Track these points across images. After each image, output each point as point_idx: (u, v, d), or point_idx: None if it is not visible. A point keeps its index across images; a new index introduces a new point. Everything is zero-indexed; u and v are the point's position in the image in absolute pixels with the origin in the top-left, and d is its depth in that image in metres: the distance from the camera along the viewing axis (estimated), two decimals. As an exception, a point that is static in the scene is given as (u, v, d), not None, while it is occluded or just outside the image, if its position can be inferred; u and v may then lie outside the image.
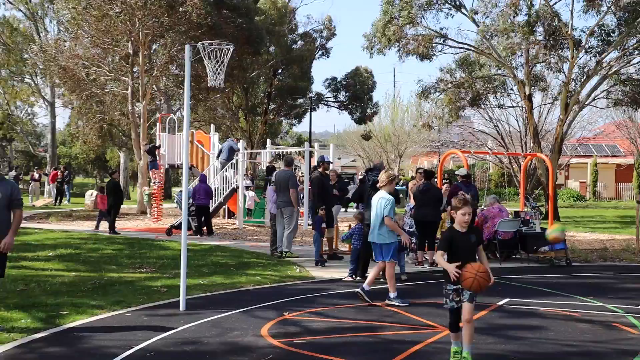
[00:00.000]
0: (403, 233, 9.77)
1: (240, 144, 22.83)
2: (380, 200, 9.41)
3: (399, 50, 26.13)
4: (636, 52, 26.59)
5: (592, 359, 6.51)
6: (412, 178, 15.78)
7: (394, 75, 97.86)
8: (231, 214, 24.93)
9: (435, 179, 15.57)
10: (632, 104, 28.68)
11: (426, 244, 13.24)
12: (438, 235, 14.27)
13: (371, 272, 9.62)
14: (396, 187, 16.11)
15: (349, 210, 23.42)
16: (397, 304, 9.06)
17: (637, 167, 44.53)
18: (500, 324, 8.03)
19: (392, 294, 9.24)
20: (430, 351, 6.71)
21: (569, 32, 25.09)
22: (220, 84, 8.93)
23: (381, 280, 10.75)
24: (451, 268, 5.77)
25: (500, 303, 9.17)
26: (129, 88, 27.55)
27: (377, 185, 9.85)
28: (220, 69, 8.97)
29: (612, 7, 23.79)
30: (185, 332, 7.44)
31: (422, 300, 9.44)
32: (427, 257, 13.29)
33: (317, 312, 8.65)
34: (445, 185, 15.74)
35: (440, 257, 6.01)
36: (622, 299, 9.61)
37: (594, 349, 6.88)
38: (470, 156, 33.23)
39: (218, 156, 22.91)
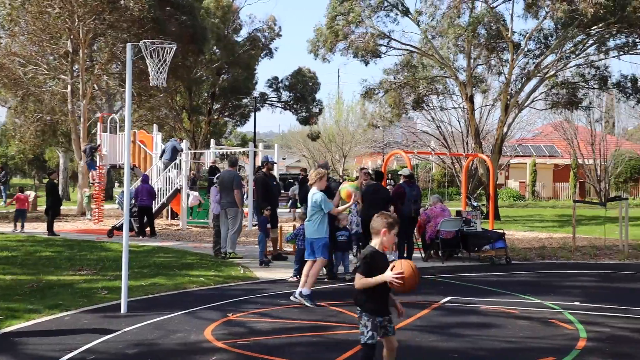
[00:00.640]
0: (350, 199, 9.84)
1: (184, 144, 22.59)
2: (313, 196, 9.37)
3: (343, 49, 26.27)
4: (572, 56, 27.39)
5: (530, 355, 6.65)
6: (357, 178, 15.85)
7: (338, 76, 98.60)
8: (174, 215, 24.65)
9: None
10: (568, 106, 29.51)
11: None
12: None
13: (305, 274, 9.34)
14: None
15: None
16: (305, 302, 8.97)
17: (573, 167, 45.76)
18: (442, 322, 8.14)
19: (305, 290, 9.09)
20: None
21: (509, 36, 25.65)
22: (162, 83, 8.81)
23: (325, 280, 10.80)
24: (390, 276, 4.92)
25: (442, 302, 9.30)
26: (69, 87, 26.95)
27: (308, 184, 9.81)
28: (163, 68, 8.85)
29: (552, 13, 24.42)
30: (127, 334, 7.31)
31: (365, 300, 9.48)
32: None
33: (261, 312, 8.62)
34: (389, 186, 15.89)
35: (363, 279, 5.03)
36: (559, 295, 9.86)
37: (532, 345, 7.04)
38: (413, 156, 33.65)
39: (161, 156, 22.61)
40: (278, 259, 13.90)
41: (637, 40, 26.05)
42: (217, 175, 15.24)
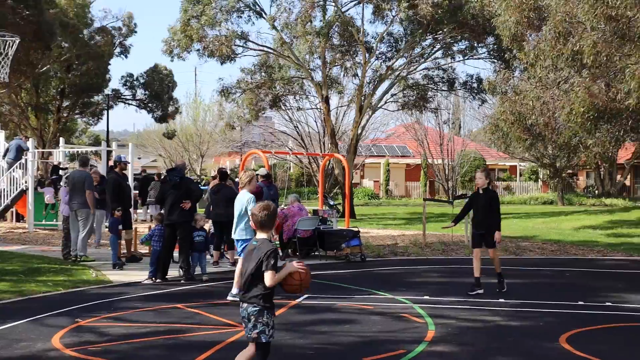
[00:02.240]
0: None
1: (30, 143, 21.40)
2: (243, 198, 9.60)
3: (199, 50, 25.97)
4: (421, 59, 28.63)
5: (383, 348, 6.87)
6: (214, 178, 15.72)
7: (195, 75, 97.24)
8: (20, 217, 23.29)
9: (237, 179, 15.58)
10: (418, 107, 30.81)
11: (225, 244, 13.34)
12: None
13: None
14: (200, 187, 16.03)
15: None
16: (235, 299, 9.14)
17: (424, 167, 47.78)
18: (299, 320, 8.23)
19: (235, 290, 9.30)
20: (231, 350, 6.71)
21: (361, 39, 26.38)
22: (4, 78, 8.30)
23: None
24: (295, 265, 5.03)
25: (298, 300, 9.40)
26: None
27: (239, 187, 9.96)
28: (5, 62, 8.35)
29: (397, 17, 25.39)
30: (-35, 346, 6.82)
31: (221, 300, 9.43)
32: (228, 257, 13.34)
33: (114, 317, 8.34)
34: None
35: (276, 275, 4.98)
36: (410, 290, 10.26)
37: (385, 339, 7.28)
38: (271, 156, 33.78)
39: (4, 156, 21.28)
40: (132, 261, 13.49)
41: (477, 44, 27.64)
42: (67, 175, 14.54)
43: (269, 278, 4.93)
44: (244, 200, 9.61)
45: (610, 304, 9.31)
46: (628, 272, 12.77)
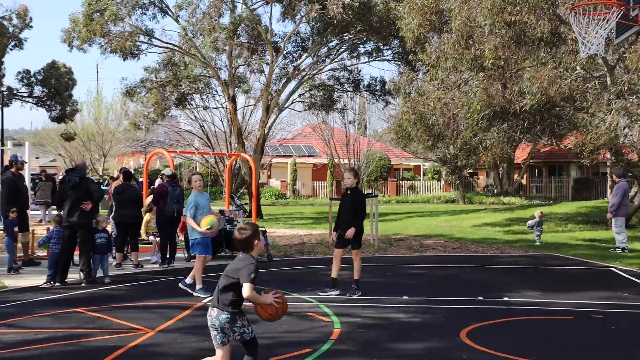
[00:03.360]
0: (200, 230, 9.79)
1: None
2: (187, 200, 10.04)
3: (102, 46, 25.26)
4: (327, 60, 28.89)
5: (289, 349, 6.87)
6: (117, 178, 15.32)
7: (97, 72, 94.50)
8: None
9: (141, 179, 15.30)
10: (325, 108, 31.06)
11: (129, 246, 13.07)
12: (144, 235, 14.09)
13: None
14: (102, 188, 15.58)
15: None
16: (201, 295, 9.61)
17: (330, 166, 48.24)
18: (204, 322, 8.09)
19: (197, 286, 9.75)
20: (134, 354, 6.56)
21: (269, 38, 26.35)
22: None
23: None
24: (270, 298, 5.33)
25: (204, 301, 9.29)
26: None
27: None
28: None
29: (306, 17, 25.49)
30: None
31: (124, 304, 9.19)
32: (132, 259, 13.04)
33: (9, 323, 7.97)
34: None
35: (254, 293, 5.20)
36: (316, 289, 10.31)
37: (291, 339, 7.29)
38: (176, 156, 33.28)
39: None
40: (30, 264, 12.96)
41: (382, 46, 28.14)
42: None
43: (247, 289, 5.10)
44: (187, 203, 10.12)
45: (507, 298, 9.66)
46: (524, 268, 13.30)
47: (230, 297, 5.19)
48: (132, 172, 14.91)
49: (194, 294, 9.70)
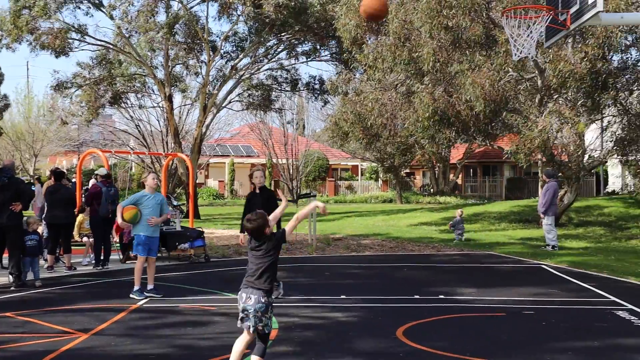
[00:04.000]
0: (119, 220, 10.01)
1: None
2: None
3: (31, 43, 24.54)
4: (265, 60, 28.83)
5: (227, 350, 6.81)
6: (49, 178, 14.93)
7: (28, 69, 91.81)
8: None
9: (74, 179, 14.92)
10: (262, 108, 30.99)
11: (61, 248, 12.75)
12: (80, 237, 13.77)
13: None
14: (32, 188, 15.12)
15: None
16: (136, 297, 9.43)
17: (268, 166, 48.12)
18: (140, 324, 7.99)
19: (135, 287, 9.55)
20: (65, 358, 6.40)
21: (205, 37, 26.12)
22: None
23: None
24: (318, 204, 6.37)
25: (139, 303, 9.13)
26: None
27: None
28: None
29: (242, 16, 25.39)
30: None
31: (56, 307, 8.96)
32: (65, 261, 12.71)
33: None
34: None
35: (291, 223, 6.02)
36: (254, 289, 10.24)
37: (229, 340, 7.18)
38: (111, 155, 32.61)
39: None
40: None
41: (320, 47, 28.25)
42: None
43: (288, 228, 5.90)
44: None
45: (443, 296, 9.82)
46: (459, 266, 13.55)
47: (268, 284, 5.58)
48: (65, 172, 14.53)
49: (131, 295, 9.51)
